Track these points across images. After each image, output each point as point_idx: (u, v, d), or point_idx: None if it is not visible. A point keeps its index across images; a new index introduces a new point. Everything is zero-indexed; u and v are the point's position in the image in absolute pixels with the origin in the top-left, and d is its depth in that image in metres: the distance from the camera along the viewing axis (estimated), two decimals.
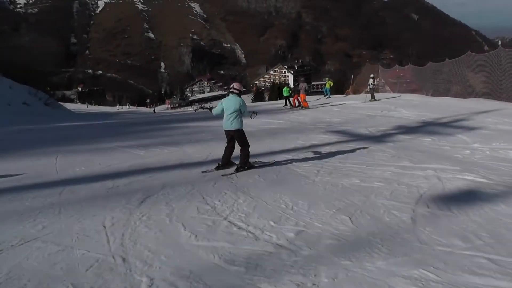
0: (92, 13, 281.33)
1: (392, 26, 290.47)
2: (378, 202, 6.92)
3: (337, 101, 30.53)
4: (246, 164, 9.23)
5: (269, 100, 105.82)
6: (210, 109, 10.22)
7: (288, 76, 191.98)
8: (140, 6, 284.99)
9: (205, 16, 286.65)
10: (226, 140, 9.34)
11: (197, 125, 18.86)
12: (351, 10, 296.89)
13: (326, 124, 17.77)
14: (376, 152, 11.28)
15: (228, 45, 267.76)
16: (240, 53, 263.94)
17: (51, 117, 29.81)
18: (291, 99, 29.83)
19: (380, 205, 6.73)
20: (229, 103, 8.97)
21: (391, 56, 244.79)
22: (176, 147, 12.25)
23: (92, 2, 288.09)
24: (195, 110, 14.42)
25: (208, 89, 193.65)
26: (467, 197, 7.21)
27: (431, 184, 8.02)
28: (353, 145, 12.28)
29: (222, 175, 8.89)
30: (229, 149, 9.32)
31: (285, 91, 30.71)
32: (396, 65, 38.03)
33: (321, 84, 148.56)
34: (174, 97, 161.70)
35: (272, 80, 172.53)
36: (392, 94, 32.89)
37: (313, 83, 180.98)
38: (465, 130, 15.10)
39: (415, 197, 7.20)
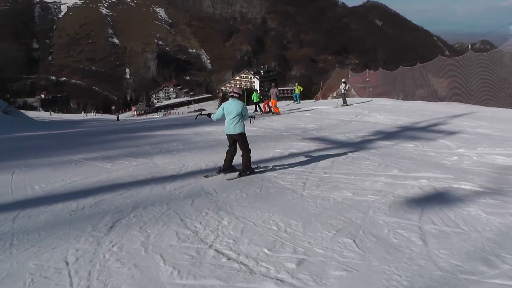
0: (55, 18, 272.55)
1: (357, 32, 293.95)
2: (379, 219, 6.20)
3: (308, 107, 29.97)
4: (248, 168, 9.15)
5: None
6: (209, 115, 10.01)
7: (254, 82, 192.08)
8: (104, 11, 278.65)
9: (170, 21, 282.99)
10: (228, 144, 9.33)
11: (166, 134, 17.85)
12: (316, 16, 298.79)
13: (301, 131, 17.08)
14: (360, 160, 10.63)
15: (194, 50, 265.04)
16: (205, 58, 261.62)
17: (11, 126, 28.14)
18: (261, 105, 29.13)
19: (382, 223, 6.01)
20: (231, 107, 8.92)
21: (356, 61, 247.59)
22: (146, 159, 11.24)
23: (55, 6, 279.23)
24: (196, 118, 13.34)
25: (174, 95, 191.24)
26: (470, 210, 6.62)
27: (429, 196, 7.41)
28: (334, 153, 11.59)
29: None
30: (230, 153, 9.29)
31: (255, 97, 29.94)
32: (367, 69, 37.86)
33: (287, 90, 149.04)
34: (140, 104, 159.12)
35: (238, 86, 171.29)
36: (363, 99, 32.60)
37: (279, 88, 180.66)
38: (446, 134, 14.72)
39: (416, 211, 6.54)
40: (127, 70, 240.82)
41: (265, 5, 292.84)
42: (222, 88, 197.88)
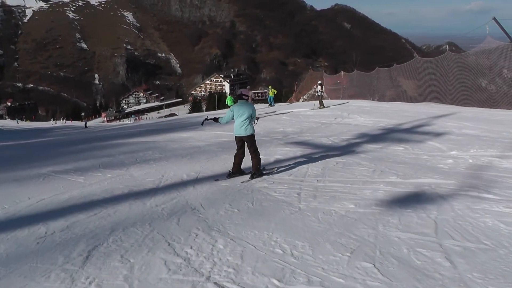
0: (20, 22, 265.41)
1: (325, 35, 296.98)
2: (392, 235, 5.50)
3: (284, 110, 29.27)
4: (258, 170, 9.05)
5: (207, 110, 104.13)
6: (215, 119, 9.68)
7: (224, 85, 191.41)
8: (71, 15, 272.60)
9: (138, 25, 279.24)
10: (237, 147, 9.15)
11: (140, 141, 16.84)
12: (285, 19, 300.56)
13: (282, 135, 16.37)
14: (352, 166, 9.96)
15: (163, 54, 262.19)
16: (175, 62, 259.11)
17: None
18: None
19: (398, 241, 5.31)
20: (242, 110, 8.82)
21: (326, 63, 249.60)
22: (121, 170, 10.30)
23: (19, 10, 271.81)
24: (202, 124, 12.40)
25: (144, 100, 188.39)
26: (486, 221, 6.02)
27: (437, 205, 6.77)
28: (322, 159, 10.90)
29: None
30: (239, 156, 9.15)
31: (229, 100, 29.23)
32: (342, 71, 37.43)
33: (258, 93, 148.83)
34: (110, 110, 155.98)
35: (209, 90, 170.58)
36: (339, 101, 32.14)
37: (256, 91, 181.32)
38: (433, 136, 14.27)
39: (429, 224, 5.90)
40: (96, 75, 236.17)
41: (234, 9, 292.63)
42: (192, 92, 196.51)
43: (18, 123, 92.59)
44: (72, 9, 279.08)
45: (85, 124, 56.51)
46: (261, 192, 7.79)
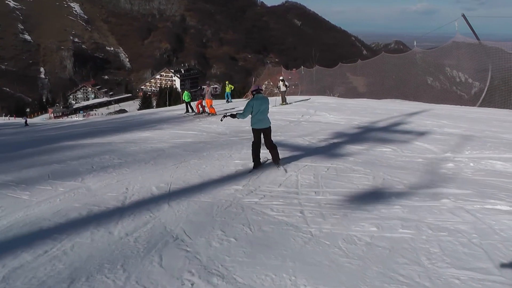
0: None
1: (276, 31, 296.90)
2: (447, 274, 4.24)
3: (243, 106, 27.73)
4: (279, 159, 9.36)
5: (157, 106, 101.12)
6: (233, 115, 9.58)
7: (175, 80, 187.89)
8: (12, 4, 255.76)
9: (86, 17, 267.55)
10: (255, 140, 9.28)
11: (94, 142, 14.92)
12: (235, 14, 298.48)
13: (251, 135, 14.94)
14: (346, 172, 8.72)
15: (112, 48, 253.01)
16: (124, 57, 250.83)
17: None
18: (193, 105, 26.77)
19: (459, 283, 4.03)
20: (264, 103, 9.15)
21: (277, 59, 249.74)
22: (75, 181, 8.52)
23: None
24: (221, 120, 11.08)
25: (93, 96, 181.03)
26: None
27: (472, 226, 5.58)
28: (308, 163, 9.61)
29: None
30: (259, 149, 9.33)
31: (186, 96, 27.45)
32: (302, 66, 36.39)
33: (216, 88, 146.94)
34: (57, 105, 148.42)
35: (159, 85, 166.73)
36: (301, 97, 31.00)
37: (201, 87, 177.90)
38: (416, 135, 13.33)
39: (481, 255, 4.73)
40: (42, 69, 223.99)
41: (184, 3, 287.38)
42: (142, 87, 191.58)
43: None
44: None
45: (26, 121, 51.91)
46: (255, 210, 6.34)
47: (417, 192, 7.17)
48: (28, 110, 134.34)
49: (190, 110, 26.83)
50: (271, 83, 56.47)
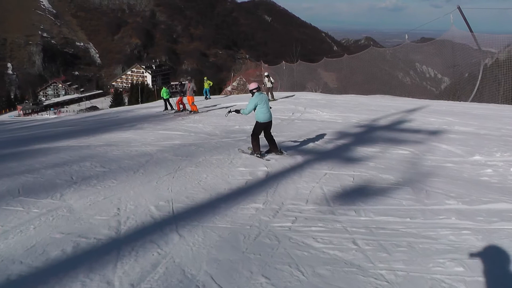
0: None
1: (246, 27, 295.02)
2: None
3: (225, 103, 25.98)
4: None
5: (129, 103, 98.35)
6: (237, 111, 10.28)
7: (146, 77, 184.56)
8: None
9: (54, 11, 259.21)
10: (257, 132, 9.77)
11: (71, 145, 13.15)
12: (205, 10, 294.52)
13: (243, 135, 13.56)
14: (376, 182, 7.47)
15: (81, 44, 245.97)
16: (94, 52, 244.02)
17: None
18: (172, 102, 25.15)
19: None
20: (265, 99, 9.77)
21: (247, 55, 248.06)
22: (53, 199, 6.87)
23: None
24: (226, 115, 10.10)
25: (63, 92, 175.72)
26: None
27: None
28: (324, 170, 8.33)
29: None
30: (259, 139, 9.84)
31: (164, 93, 25.70)
32: (283, 61, 35.02)
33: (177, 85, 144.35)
34: (26, 102, 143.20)
35: (130, 81, 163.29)
36: (285, 93, 29.60)
37: (172, 83, 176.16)
38: (428, 134, 12.31)
39: None
40: (9, 65, 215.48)
41: None
42: (113, 83, 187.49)
43: None
44: None
45: None
46: (294, 241, 4.92)
47: (475, 209, 5.94)
48: None
49: (169, 107, 25.20)
50: (244, 79, 55.15)
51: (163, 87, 27.83)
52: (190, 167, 8.90)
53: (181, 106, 23.25)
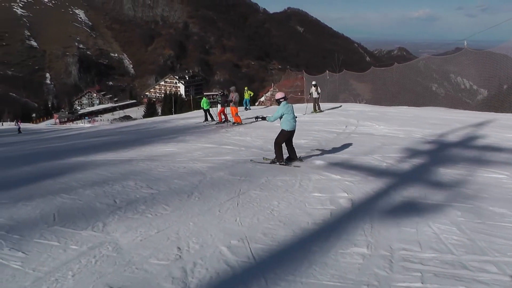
0: None
1: (278, 38, 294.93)
2: None
3: (268, 114, 24.59)
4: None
5: (162, 113, 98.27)
6: (263, 117, 10.99)
7: (179, 87, 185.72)
8: (19, 11, 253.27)
9: (90, 24, 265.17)
10: (281, 141, 9.97)
11: (109, 159, 11.93)
12: (237, 21, 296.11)
13: (301, 150, 12.16)
14: (494, 219, 5.94)
15: (116, 55, 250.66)
16: (128, 63, 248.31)
17: None
18: (212, 113, 24.09)
19: None
20: (291, 108, 9.95)
21: (279, 66, 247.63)
22: (94, 230, 5.58)
23: None
24: (256, 120, 14.86)
25: (97, 101, 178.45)
26: None
27: None
28: (414, 198, 6.93)
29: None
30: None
31: (205, 103, 24.66)
32: (327, 71, 33.62)
33: (215, 95, 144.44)
34: (62, 111, 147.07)
35: (163, 91, 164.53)
36: (329, 104, 28.12)
37: (204, 93, 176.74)
38: None
39: None
40: (47, 75, 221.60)
41: (187, 10, 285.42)
42: (146, 93, 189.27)
43: None
44: (20, 4, 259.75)
45: (19, 129, 45.24)
46: None
47: None
48: (34, 115, 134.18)
49: (209, 118, 24.10)
50: (277, 90, 53.93)
51: (203, 97, 26.85)
52: (254, 191, 7.56)
53: (223, 117, 22.13)
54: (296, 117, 10.03)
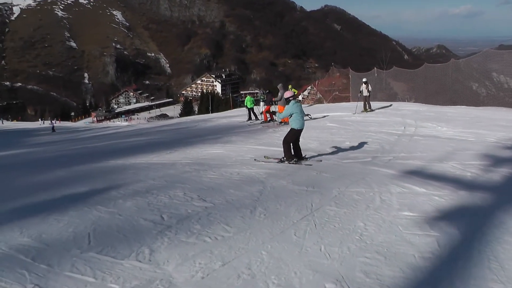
0: (7, 20, 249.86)
1: (315, 36, 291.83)
2: None
3: (315, 114, 23.15)
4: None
5: (199, 111, 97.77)
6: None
7: (216, 86, 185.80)
8: (60, 13, 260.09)
9: (127, 24, 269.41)
10: (291, 139, 10.09)
11: (150, 162, 10.94)
12: (274, 19, 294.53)
13: (369, 155, 10.95)
14: None
15: (152, 54, 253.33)
16: (164, 62, 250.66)
17: None
18: (257, 112, 23.02)
19: None
20: (300, 107, 10.18)
21: (316, 64, 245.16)
22: (137, 257, 4.57)
23: (6, 8, 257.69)
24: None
25: (134, 100, 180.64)
26: None
27: None
28: None
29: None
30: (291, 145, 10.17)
31: (249, 102, 23.64)
32: (375, 67, 32.09)
33: (251, 94, 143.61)
34: (99, 110, 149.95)
35: (200, 90, 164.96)
36: (379, 103, 26.57)
37: (241, 92, 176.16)
38: None
39: None
40: (86, 74, 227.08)
41: (223, 9, 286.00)
42: (183, 92, 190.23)
43: (2, 123, 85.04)
44: (60, 7, 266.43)
45: (53, 127, 44.43)
46: None
47: None
48: (72, 113, 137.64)
49: (253, 117, 23.04)
50: (314, 88, 52.43)
51: (248, 96, 25.89)
52: (328, 206, 6.34)
53: (268, 116, 21.04)
54: (305, 115, 10.50)
